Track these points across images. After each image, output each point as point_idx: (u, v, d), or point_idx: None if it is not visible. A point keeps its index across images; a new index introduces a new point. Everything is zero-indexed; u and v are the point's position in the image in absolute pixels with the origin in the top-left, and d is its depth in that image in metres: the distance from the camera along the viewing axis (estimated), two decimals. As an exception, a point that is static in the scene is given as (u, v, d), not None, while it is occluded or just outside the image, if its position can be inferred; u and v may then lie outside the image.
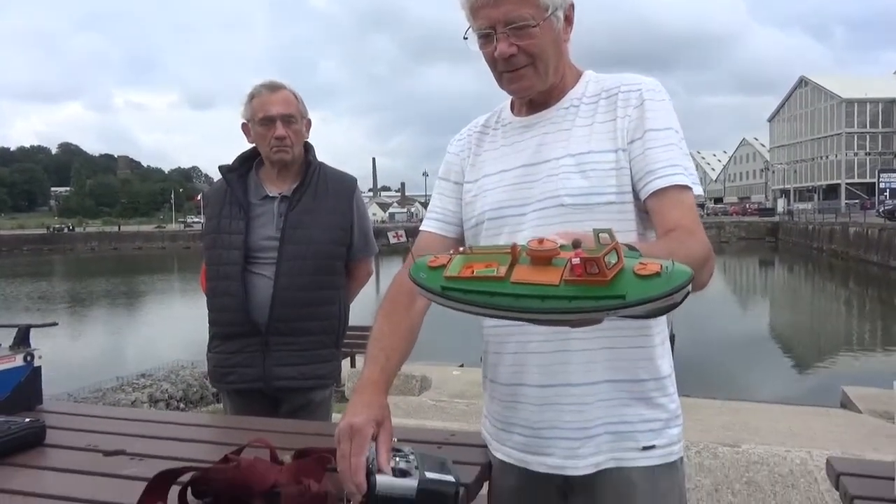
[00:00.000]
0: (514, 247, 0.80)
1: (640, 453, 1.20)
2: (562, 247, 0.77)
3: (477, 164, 1.36)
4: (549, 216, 1.20)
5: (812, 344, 14.98)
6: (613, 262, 0.74)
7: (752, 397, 7.80)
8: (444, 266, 0.82)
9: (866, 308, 20.67)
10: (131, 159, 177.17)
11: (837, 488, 1.28)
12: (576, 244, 0.75)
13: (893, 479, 1.18)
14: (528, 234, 1.19)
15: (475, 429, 1.50)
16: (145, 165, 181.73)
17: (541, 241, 0.78)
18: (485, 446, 1.38)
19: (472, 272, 0.79)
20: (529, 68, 1.20)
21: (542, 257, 0.77)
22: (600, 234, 0.76)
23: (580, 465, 1.20)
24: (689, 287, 0.73)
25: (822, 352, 13.90)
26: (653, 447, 1.21)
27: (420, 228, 1.43)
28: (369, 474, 1.07)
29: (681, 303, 0.74)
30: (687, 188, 1.15)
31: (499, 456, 1.31)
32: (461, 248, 0.85)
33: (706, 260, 1.01)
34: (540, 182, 1.23)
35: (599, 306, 0.72)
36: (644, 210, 1.19)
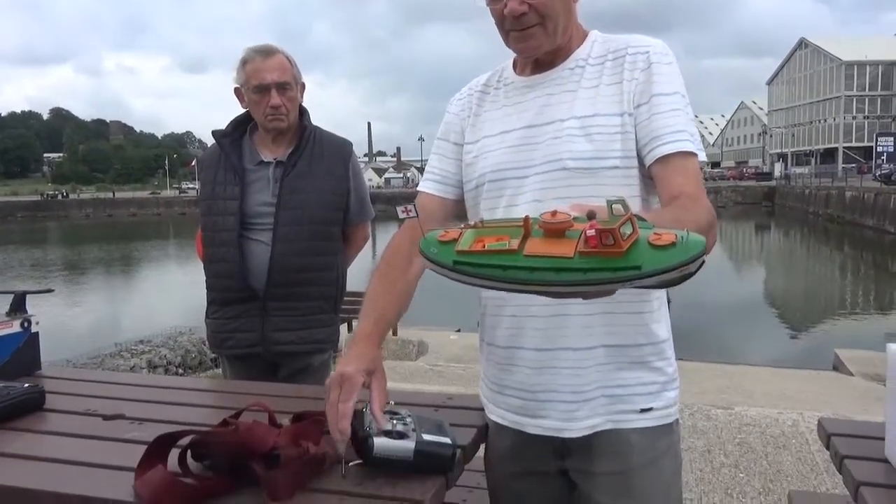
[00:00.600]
0: (526, 219, 0.79)
1: (637, 415, 1.21)
2: (575, 219, 0.76)
3: (477, 124, 1.33)
4: (552, 180, 1.18)
5: (806, 308, 15.10)
6: (628, 233, 0.73)
7: (745, 361, 7.88)
8: (454, 240, 0.81)
9: (860, 272, 20.77)
10: (124, 124, 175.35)
11: (828, 448, 1.30)
12: (590, 215, 0.75)
13: (883, 440, 1.20)
14: (529, 197, 1.18)
15: (472, 392, 1.51)
16: (138, 131, 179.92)
17: (554, 213, 0.77)
18: (481, 409, 1.39)
19: (484, 246, 0.79)
20: (539, 27, 1.18)
21: (555, 229, 0.76)
22: (614, 206, 0.74)
23: (575, 428, 1.21)
24: (704, 257, 0.73)
25: (816, 315, 14.01)
26: (650, 409, 1.22)
27: (417, 189, 1.39)
28: (367, 437, 1.09)
29: (695, 273, 0.74)
30: (692, 154, 1.14)
31: (494, 418, 1.32)
32: (472, 222, 0.84)
33: (710, 227, 1.02)
34: (543, 144, 1.20)
35: (615, 277, 0.71)
36: (648, 175, 1.18)
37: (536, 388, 1.23)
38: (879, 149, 47.51)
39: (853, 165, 53.04)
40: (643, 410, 1.22)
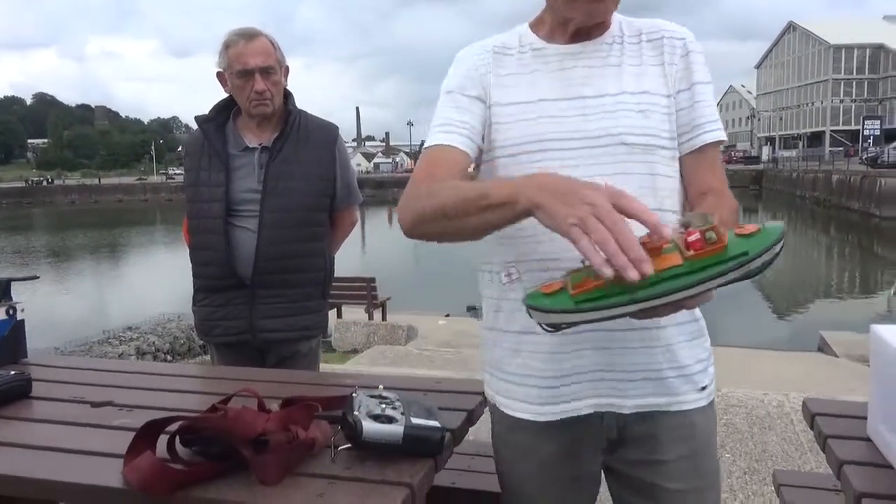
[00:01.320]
0: None
1: (698, 394, 1.19)
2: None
3: (503, 85, 1.21)
4: (610, 154, 1.13)
5: (792, 291, 15.24)
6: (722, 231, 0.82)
7: (732, 342, 7.96)
8: (562, 289, 0.88)
9: (846, 255, 20.98)
10: (109, 109, 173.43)
11: (812, 428, 1.32)
12: (685, 224, 0.84)
13: (866, 419, 1.21)
14: (582, 172, 1.07)
15: (461, 376, 1.52)
16: (123, 116, 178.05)
17: (649, 235, 0.83)
18: (471, 392, 1.39)
19: (591, 285, 0.84)
20: None
21: (655, 248, 0.82)
22: (693, 217, 0.83)
23: (629, 405, 1.16)
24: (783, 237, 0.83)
25: (802, 298, 14.16)
26: (706, 387, 1.21)
27: (437, 142, 1.18)
28: (356, 421, 1.09)
29: (779, 254, 0.82)
30: (720, 143, 1.19)
31: (530, 417, 1.18)
32: (572, 270, 0.89)
33: (737, 216, 1.10)
34: (594, 117, 1.15)
35: (731, 266, 0.80)
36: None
37: (607, 367, 1.15)
38: (866, 132, 47.71)
39: (840, 149, 53.39)
40: (702, 388, 1.20)
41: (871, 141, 45.74)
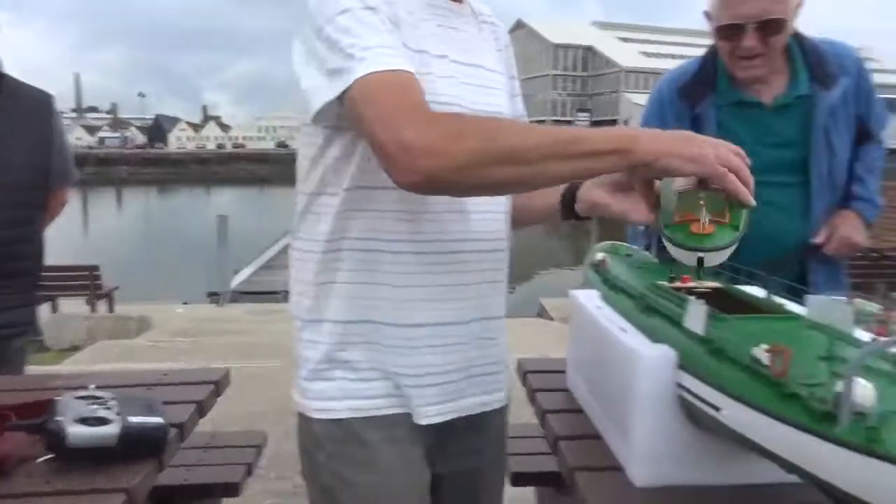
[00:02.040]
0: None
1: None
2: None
3: (409, 26, 0.97)
4: None
5: (516, 265, 16.97)
6: None
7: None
8: (720, 227, 0.88)
9: (562, 232, 23.91)
10: None
11: (524, 385, 1.49)
12: None
13: (565, 372, 1.40)
14: None
15: (195, 366, 1.44)
16: None
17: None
18: (200, 382, 1.32)
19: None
20: None
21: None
22: None
23: (496, 399, 1.14)
24: None
25: (525, 271, 15.84)
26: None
27: (400, 67, 0.89)
28: (59, 428, 0.98)
29: None
30: None
31: (423, 420, 1.03)
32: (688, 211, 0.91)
33: None
34: (489, 91, 1.07)
35: None
36: None
37: (481, 361, 1.09)
38: (579, 123, 54.86)
39: (557, 137, 60.69)
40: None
41: (581, 131, 52.84)
